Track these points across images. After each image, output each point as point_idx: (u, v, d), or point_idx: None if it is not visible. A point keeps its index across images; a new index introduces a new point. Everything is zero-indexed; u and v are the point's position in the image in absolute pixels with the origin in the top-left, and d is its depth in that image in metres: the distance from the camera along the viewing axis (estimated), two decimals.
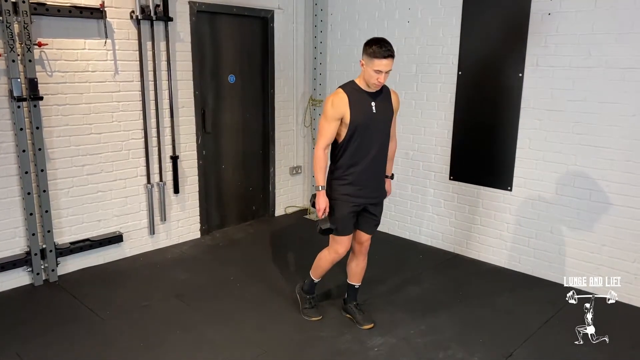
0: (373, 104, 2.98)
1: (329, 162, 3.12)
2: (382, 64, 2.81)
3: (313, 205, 3.10)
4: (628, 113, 3.47)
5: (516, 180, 4.08)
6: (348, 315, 3.39)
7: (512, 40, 3.92)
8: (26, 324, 3.29)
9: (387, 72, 2.86)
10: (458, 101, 4.31)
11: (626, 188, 3.55)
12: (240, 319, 3.38)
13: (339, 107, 2.92)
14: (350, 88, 2.98)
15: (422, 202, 4.74)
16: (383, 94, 3.03)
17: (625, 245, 3.62)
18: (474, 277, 4.09)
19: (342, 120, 2.94)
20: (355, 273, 3.31)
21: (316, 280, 3.40)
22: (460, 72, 4.26)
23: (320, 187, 3.01)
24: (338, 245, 3.14)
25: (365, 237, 3.21)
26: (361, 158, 3.00)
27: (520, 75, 3.91)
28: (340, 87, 3.02)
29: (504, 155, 4.10)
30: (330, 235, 3.15)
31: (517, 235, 4.16)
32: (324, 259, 3.27)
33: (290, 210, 5.62)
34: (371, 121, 2.97)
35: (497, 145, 4.15)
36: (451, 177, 4.48)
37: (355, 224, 3.15)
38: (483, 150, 4.25)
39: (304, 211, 5.63)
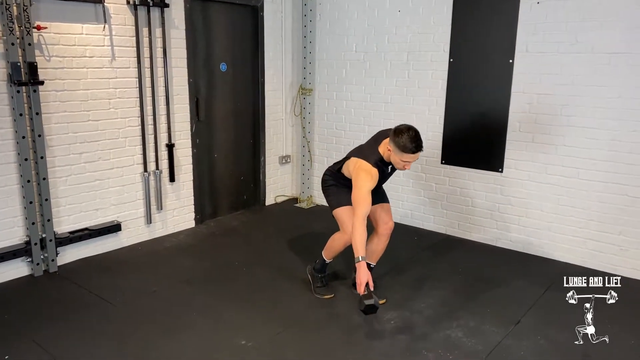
0: (390, 167, 3.18)
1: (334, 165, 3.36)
2: (411, 157, 2.95)
3: (354, 284, 3.00)
4: (613, 95, 3.71)
5: (507, 162, 4.28)
6: None
7: (503, 28, 4.10)
8: (37, 313, 3.21)
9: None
10: (449, 88, 4.47)
11: (611, 165, 3.80)
12: (255, 300, 3.42)
13: (374, 181, 3.05)
14: (377, 162, 3.07)
15: (414, 186, 4.89)
16: None
17: (610, 219, 3.87)
18: (469, 256, 4.26)
19: None
20: (374, 251, 3.39)
21: (328, 260, 3.48)
22: (451, 60, 4.42)
23: (360, 257, 2.87)
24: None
25: (387, 214, 3.34)
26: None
27: (511, 61, 4.10)
28: (369, 162, 3.06)
29: (495, 139, 4.29)
30: (341, 218, 3.22)
31: (508, 215, 4.36)
32: (338, 241, 3.34)
33: (280, 199, 5.66)
34: (385, 178, 3.25)
35: (488, 129, 4.33)
36: (443, 162, 4.65)
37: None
38: (474, 134, 4.42)
39: (294, 200, 5.69)
